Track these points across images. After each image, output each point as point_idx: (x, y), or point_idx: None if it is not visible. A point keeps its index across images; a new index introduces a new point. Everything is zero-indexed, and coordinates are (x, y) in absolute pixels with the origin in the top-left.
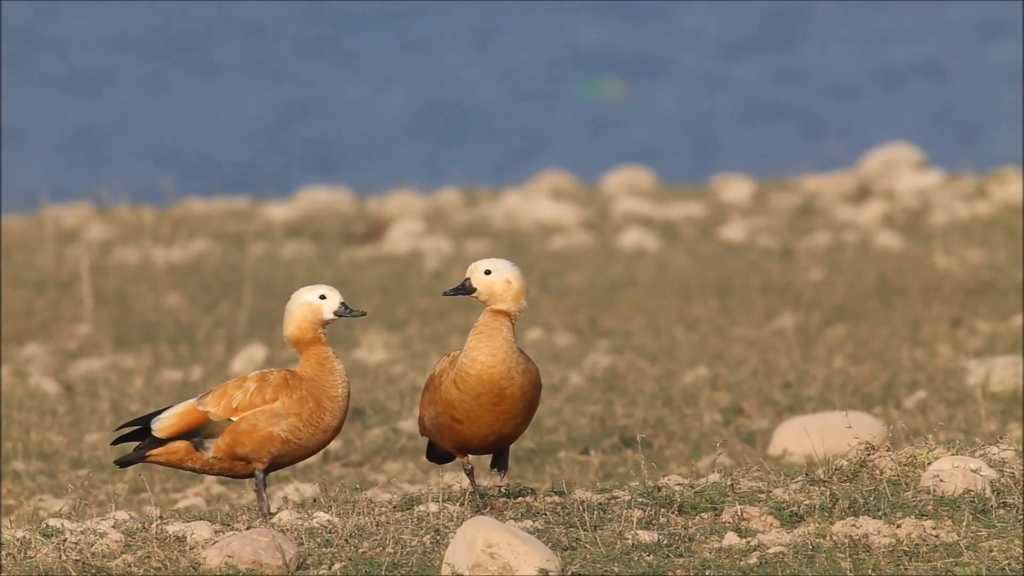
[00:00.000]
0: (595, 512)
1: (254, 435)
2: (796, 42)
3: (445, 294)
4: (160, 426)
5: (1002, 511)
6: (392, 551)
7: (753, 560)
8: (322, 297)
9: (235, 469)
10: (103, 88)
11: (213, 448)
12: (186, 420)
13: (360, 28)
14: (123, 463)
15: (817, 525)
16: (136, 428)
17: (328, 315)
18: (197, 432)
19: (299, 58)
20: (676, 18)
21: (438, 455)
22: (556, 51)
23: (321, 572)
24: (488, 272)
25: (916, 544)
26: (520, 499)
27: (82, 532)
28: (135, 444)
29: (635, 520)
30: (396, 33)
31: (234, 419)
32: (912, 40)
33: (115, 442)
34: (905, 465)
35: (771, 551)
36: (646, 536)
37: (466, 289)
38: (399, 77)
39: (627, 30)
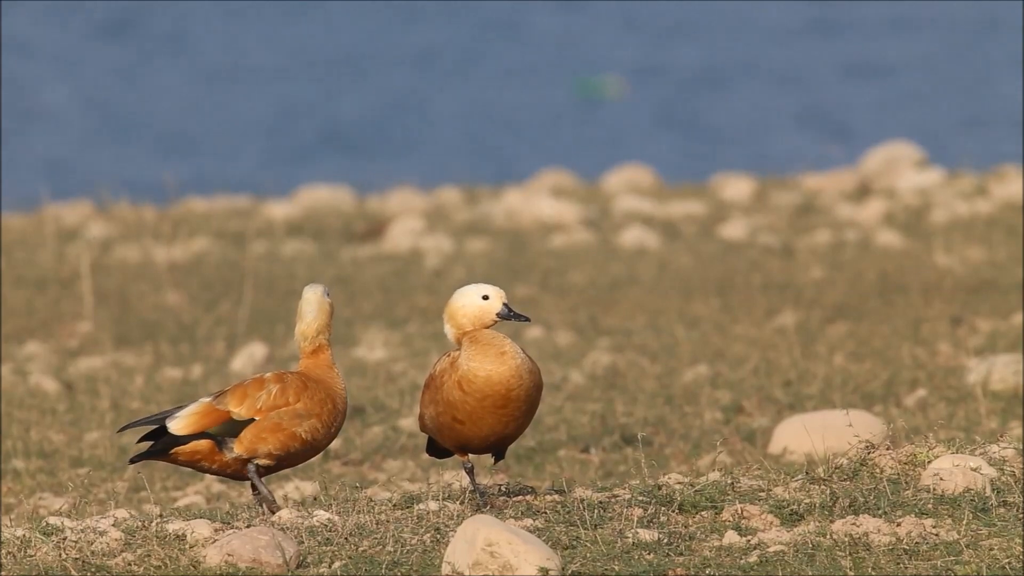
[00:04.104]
0: (595, 511)
1: (278, 433)
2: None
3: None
4: (179, 425)
5: (1002, 509)
6: (392, 549)
7: (753, 558)
8: (328, 294)
9: (246, 470)
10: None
11: (235, 446)
12: (207, 419)
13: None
14: (137, 460)
15: (817, 524)
16: (152, 428)
17: None
18: (215, 431)
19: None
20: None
21: (438, 450)
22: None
23: (321, 570)
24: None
25: (916, 543)
26: (520, 497)
27: (82, 530)
28: (146, 443)
29: (635, 518)
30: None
31: (256, 419)
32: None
33: (138, 440)
34: (905, 463)
35: (771, 549)
36: (646, 534)
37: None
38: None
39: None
